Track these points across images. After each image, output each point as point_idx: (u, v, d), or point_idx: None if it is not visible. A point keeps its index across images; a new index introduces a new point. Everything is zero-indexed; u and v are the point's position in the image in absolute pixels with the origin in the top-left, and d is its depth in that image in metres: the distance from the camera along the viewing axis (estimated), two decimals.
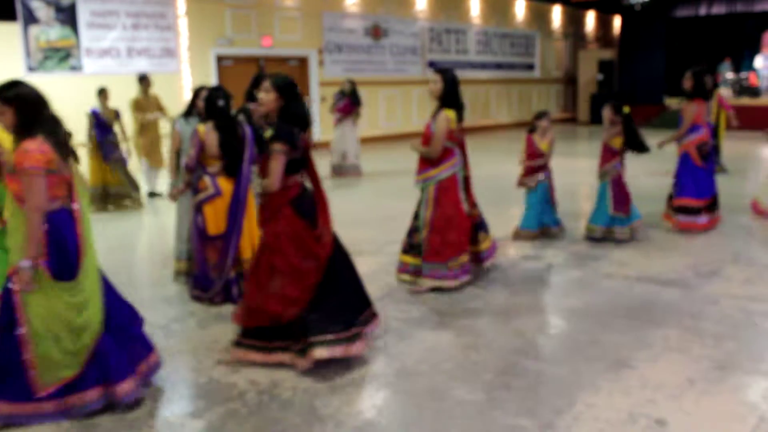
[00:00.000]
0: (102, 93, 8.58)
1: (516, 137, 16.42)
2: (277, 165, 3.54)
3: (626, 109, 6.06)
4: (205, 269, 4.64)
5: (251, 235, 4.69)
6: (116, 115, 8.64)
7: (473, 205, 5.13)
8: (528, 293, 4.88)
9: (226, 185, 4.57)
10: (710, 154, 6.59)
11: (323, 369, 3.62)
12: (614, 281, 5.07)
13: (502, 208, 7.92)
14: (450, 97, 4.79)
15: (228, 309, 4.58)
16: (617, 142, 6.08)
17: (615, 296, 4.73)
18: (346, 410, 3.18)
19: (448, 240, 4.81)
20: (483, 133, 18.19)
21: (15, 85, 3.06)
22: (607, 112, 6.14)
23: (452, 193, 4.87)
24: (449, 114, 4.76)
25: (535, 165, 6.23)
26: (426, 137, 4.89)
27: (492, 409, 3.16)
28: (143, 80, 9.26)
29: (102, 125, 8.46)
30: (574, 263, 5.55)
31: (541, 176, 6.26)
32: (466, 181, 5.03)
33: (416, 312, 4.47)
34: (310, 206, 3.72)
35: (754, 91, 17.72)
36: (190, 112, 5.22)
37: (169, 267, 5.37)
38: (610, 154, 6.13)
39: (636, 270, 5.31)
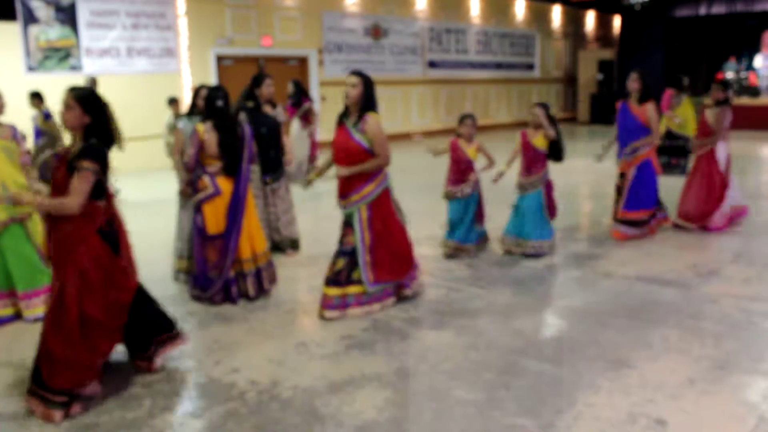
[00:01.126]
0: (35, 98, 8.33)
1: (516, 137, 16.42)
2: (82, 185, 3.11)
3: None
4: (205, 269, 4.64)
5: (250, 234, 4.69)
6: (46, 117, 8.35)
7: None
8: (528, 293, 4.88)
9: (225, 185, 4.58)
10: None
11: (323, 369, 3.63)
12: (614, 281, 5.07)
13: (503, 207, 7.92)
14: (372, 100, 4.41)
15: (228, 309, 4.58)
16: (540, 142, 5.67)
17: (615, 296, 4.73)
18: (346, 410, 3.18)
19: (397, 255, 4.48)
20: (483, 132, 18.16)
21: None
22: (537, 113, 5.68)
23: (387, 206, 4.46)
24: (378, 117, 4.40)
25: (465, 173, 5.64)
26: (347, 150, 4.32)
27: (492, 409, 3.16)
28: (173, 103, 9.34)
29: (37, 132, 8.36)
30: (574, 263, 5.55)
31: (467, 188, 5.64)
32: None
33: (416, 312, 4.47)
34: (115, 236, 3.38)
35: (753, 91, 17.72)
36: (192, 111, 5.23)
37: (169, 267, 5.37)
38: (541, 161, 5.70)
39: (636, 270, 5.31)
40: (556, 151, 5.66)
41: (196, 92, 5.26)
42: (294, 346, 3.95)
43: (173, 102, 9.32)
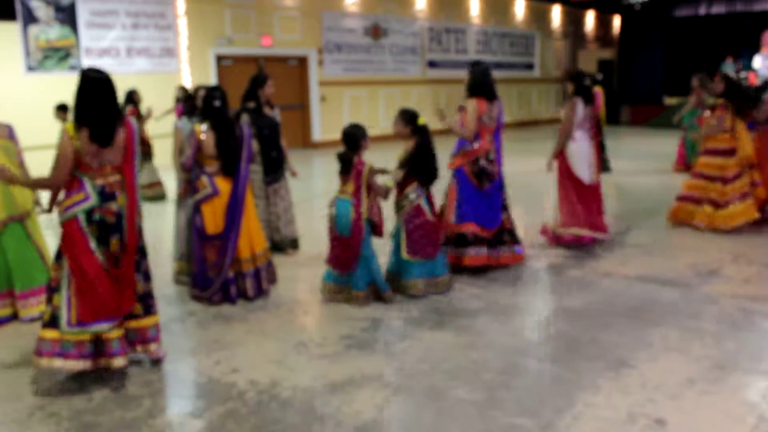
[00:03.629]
0: None
1: (516, 137, 16.47)
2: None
3: (421, 121, 4.66)
4: (204, 269, 4.64)
5: (250, 234, 4.69)
6: None
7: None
8: (528, 293, 4.88)
9: (223, 185, 4.58)
10: (490, 175, 5.14)
11: (323, 369, 3.63)
12: (614, 281, 5.07)
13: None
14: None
15: (227, 309, 4.58)
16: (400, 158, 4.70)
17: (615, 296, 4.73)
18: (346, 410, 3.18)
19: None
20: None
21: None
22: (397, 126, 4.71)
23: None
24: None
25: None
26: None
27: (492, 409, 3.16)
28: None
29: None
30: (574, 263, 5.55)
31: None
32: None
33: (416, 312, 4.47)
34: None
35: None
36: (191, 111, 5.24)
37: (168, 267, 5.37)
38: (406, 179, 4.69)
39: (636, 270, 5.31)
40: (421, 171, 4.70)
41: (195, 93, 5.27)
42: (293, 346, 3.94)
43: (62, 109, 8.24)
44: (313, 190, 9.32)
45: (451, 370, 3.59)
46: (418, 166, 4.65)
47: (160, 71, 11.91)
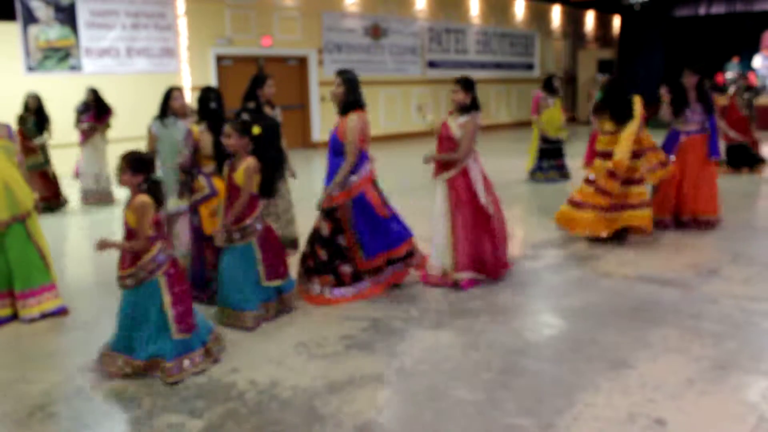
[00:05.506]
0: None
1: (516, 137, 16.46)
2: None
3: (256, 130, 4.18)
4: (203, 268, 4.64)
5: None
6: None
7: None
8: (528, 293, 4.88)
9: (221, 185, 4.58)
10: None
11: (323, 369, 3.63)
12: (614, 281, 5.06)
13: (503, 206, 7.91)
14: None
15: None
16: (239, 177, 4.14)
17: (615, 296, 4.73)
18: (346, 410, 3.18)
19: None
20: (482, 132, 18.16)
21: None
22: (231, 140, 4.15)
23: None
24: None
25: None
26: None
27: (492, 409, 3.16)
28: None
29: None
30: (574, 263, 5.55)
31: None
32: None
33: (416, 312, 4.47)
34: None
35: (753, 91, 17.71)
36: (164, 113, 5.25)
37: None
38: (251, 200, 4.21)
39: (636, 270, 5.31)
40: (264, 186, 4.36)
41: (168, 94, 5.27)
42: (294, 346, 3.94)
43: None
44: (313, 190, 9.30)
45: (451, 370, 3.59)
46: (263, 182, 4.23)
47: (160, 71, 11.92)
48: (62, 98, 9.50)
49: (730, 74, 18.39)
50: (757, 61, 18.37)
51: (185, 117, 5.33)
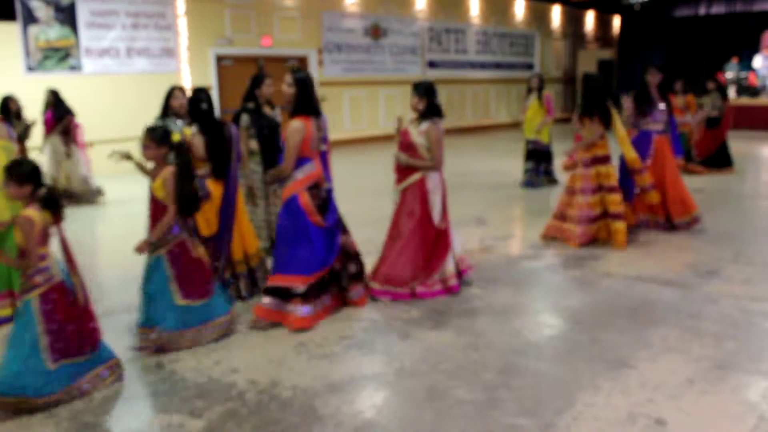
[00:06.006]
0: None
1: (516, 137, 16.44)
2: None
3: (176, 137, 4.03)
4: None
5: (242, 236, 4.71)
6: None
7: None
8: (528, 293, 4.88)
9: (214, 188, 4.57)
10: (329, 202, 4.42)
11: (323, 369, 3.63)
12: (614, 281, 5.06)
13: (503, 206, 7.93)
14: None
15: None
16: (158, 191, 3.87)
17: (615, 296, 4.73)
18: (346, 410, 3.18)
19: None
20: (482, 132, 18.20)
21: None
22: (148, 150, 3.87)
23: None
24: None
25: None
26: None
27: (492, 409, 3.16)
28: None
29: None
30: (574, 263, 5.55)
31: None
32: None
33: (416, 312, 4.47)
34: None
35: (753, 91, 17.74)
36: (165, 112, 5.24)
37: None
38: (162, 211, 3.87)
39: (636, 270, 5.31)
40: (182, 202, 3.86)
41: (170, 94, 5.26)
42: (293, 346, 3.94)
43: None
44: None
45: (451, 370, 3.59)
46: (180, 194, 3.81)
47: (160, 71, 11.91)
48: (62, 98, 9.49)
49: (729, 74, 18.40)
50: (757, 61, 18.36)
51: (185, 116, 5.33)
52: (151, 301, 3.89)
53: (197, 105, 4.60)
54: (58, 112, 8.61)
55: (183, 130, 4.67)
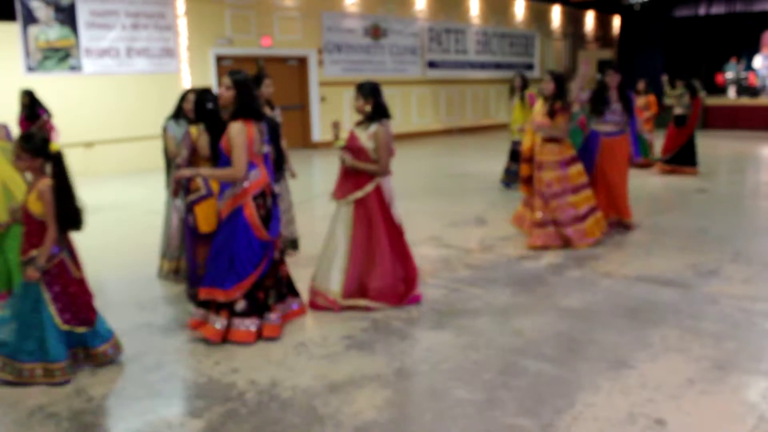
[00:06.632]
0: None
1: None
2: None
3: (55, 147, 3.46)
4: (194, 267, 4.64)
5: None
6: None
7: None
8: (528, 293, 4.88)
9: (217, 186, 4.57)
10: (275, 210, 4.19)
11: (323, 369, 3.63)
12: (614, 281, 5.06)
13: (503, 206, 7.92)
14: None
15: None
16: (33, 205, 3.47)
17: (614, 296, 4.73)
18: (346, 410, 3.18)
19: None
20: (482, 132, 18.20)
21: None
22: (22, 161, 3.47)
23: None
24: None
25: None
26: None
27: (492, 409, 3.16)
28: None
29: None
30: (574, 263, 5.55)
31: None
32: None
33: (416, 312, 4.47)
34: None
35: (753, 91, 17.74)
36: (178, 114, 5.26)
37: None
38: (37, 228, 3.50)
39: (636, 270, 5.31)
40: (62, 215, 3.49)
41: (183, 96, 5.27)
42: (293, 346, 3.94)
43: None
44: (313, 190, 9.32)
45: (450, 370, 3.59)
46: (60, 209, 3.45)
47: (160, 72, 11.91)
48: (62, 99, 9.50)
49: (729, 74, 18.40)
50: (757, 61, 18.37)
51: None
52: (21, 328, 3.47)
53: (203, 105, 4.62)
54: (32, 114, 8.39)
55: (189, 129, 4.69)
